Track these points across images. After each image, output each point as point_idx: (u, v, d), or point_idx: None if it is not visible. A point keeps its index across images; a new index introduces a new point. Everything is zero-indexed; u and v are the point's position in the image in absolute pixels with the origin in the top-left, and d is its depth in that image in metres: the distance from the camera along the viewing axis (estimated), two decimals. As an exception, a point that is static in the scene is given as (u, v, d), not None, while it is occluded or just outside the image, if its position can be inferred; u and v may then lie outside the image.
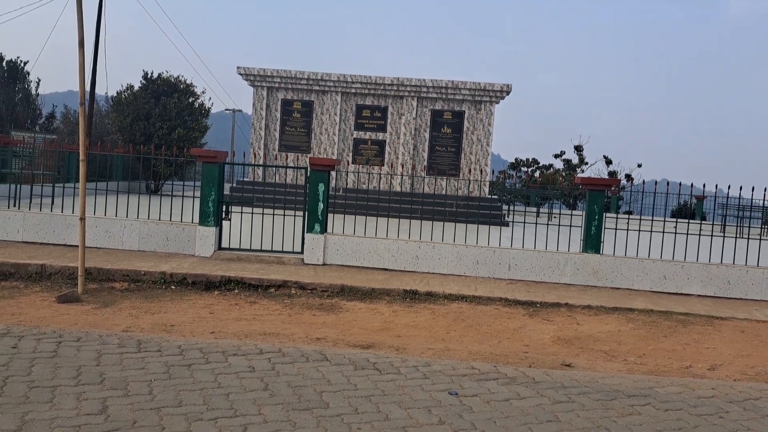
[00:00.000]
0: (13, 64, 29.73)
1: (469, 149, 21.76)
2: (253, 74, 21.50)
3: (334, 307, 8.04)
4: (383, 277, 9.55)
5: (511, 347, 6.69)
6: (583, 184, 10.42)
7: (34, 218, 10.33)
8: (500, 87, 21.40)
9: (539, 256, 10.06)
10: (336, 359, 5.66)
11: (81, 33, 7.94)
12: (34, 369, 4.97)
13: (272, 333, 6.71)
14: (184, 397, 4.59)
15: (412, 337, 6.89)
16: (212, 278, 8.76)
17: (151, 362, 5.31)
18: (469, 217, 12.26)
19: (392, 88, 21.63)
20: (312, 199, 10.26)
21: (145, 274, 8.72)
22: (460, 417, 4.49)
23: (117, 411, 4.27)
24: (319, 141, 21.88)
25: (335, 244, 10.24)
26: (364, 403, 4.67)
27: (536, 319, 7.93)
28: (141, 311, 7.32)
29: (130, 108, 21.01)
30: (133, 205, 12.00)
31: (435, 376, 5.34)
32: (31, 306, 7.27)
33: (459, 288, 9.09)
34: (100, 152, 11.77)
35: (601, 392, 5.19)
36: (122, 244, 10.24)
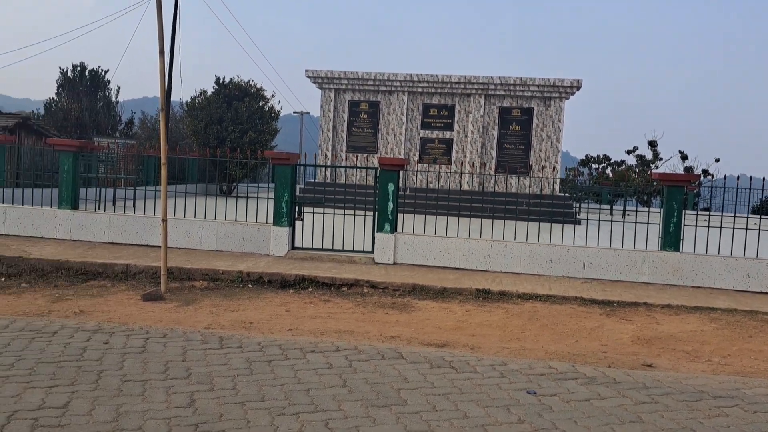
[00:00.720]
0: (95, 73, 31.15)
1: (538, 146, 21.44)
2: (321, 77, 21.81)
3: (406, 306, 8.09)
4: (454, 276, 9.55)
5: (588, 347, 6.58)
6: (661, 180, 10.12)
7: (118, 220, 10.81)
8: (570, 82, 21.00)
9: (615, 254, 9.84)
10: (411, 357, 5.70)
11: (161, 42, 8.26)
12: (126, 364, 5.21)
13: (347, 331, 6.82)
14: (266, 392, 4.73)
15: (486, 336, 6.86)
16: (287, 277, 8.96)
17: (233, 358, 5.48)
18: (539, 215, 12.10)
19: (459, 86, 21.54)
20: (382, 198, 10.34)
21: (224, 273, 9.00)
22: (539, 416, 4.46)
23: (204, 404, 4.44)
24: (386, 141, 22.01)
25: (405, 244, 10.30)
26: (442, 400, 4.69)
27: (614, 319, 7.77)
28: (221, 309, 7.56)
29: (204, 113, 21.65)
30: (210, 206, 12.39)
31: (512, 375, 5.32)
32: (119, 304, 7.62)
33: (533, 287, 8.99)
34: (178, 156, 12.20)
35: (685, 393, 5.05)
36: (201, 244, 10.59)
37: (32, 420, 4.03)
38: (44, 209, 11.04)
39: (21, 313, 7.02)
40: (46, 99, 30.83)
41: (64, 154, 11.09)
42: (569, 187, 29.35)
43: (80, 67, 30.69)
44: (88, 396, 4.47)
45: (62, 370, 4.94)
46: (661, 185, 10.21)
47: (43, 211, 11.01)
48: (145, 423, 4.09)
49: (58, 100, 29.98)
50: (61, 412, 4.18)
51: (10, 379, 4.70)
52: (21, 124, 21.16)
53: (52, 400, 4.35)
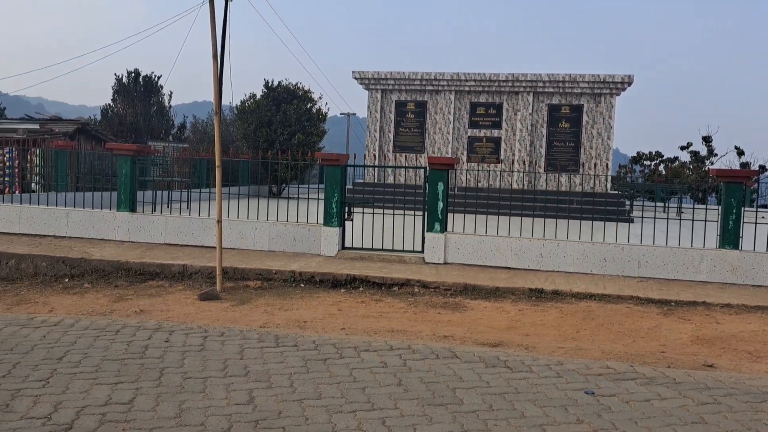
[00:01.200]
0: (149, 79, 31.98)
1: (588, 144, 21.09)
2: (368, 77, 21.91)
3: (458, 306, 8.07)
4: (506, 275, 9.48)
5: (646, 347, 6.46)
6: (719, 176, 9.86)
7: (174, 222, 11.09)
8: (621, 78, 20.60)
9: (671, 252, 9.62)
10: (465, 357, 5.69)
11: (215, 47, 8.45)
12: (186, 361, 5.35)
13: (399, 330, 6.85)
14: (323, 390, 4.79)
15: (540, 336, 6.80)
16: (338, 277, 9.05)
17: (289, 356, 5.57)
18: (590, 213, 11.91)
19: (507, 84, 21.36)
20: (431, 198, 10.34)
21: (277, 273, 9.14)
22: (598, 416, 4.40)
23: (263, 402, 4.52)
24: (433, 140, 21.97)
25: (455, 243, 10.27)
26: (498, 400, 4.67)
27: (672, 318, 7.60)
28: (275, 308, 7.69)
29: (254, 116, 21.98)
30: (261, 208, 12.59)
31: (569, 375, 5.26)
32: (177, 303, 7.82)
33: (586, 286, 8.87)
34: (232, 159, 12.44)
35: (749, 394, 4.91)
36: (254, 244, 10.78)
37: (100, 415, 4.18)
38: (104, 212, 11.41)
39: (85, 312, 7.28)
40: (102, 105, 31.79)
41: (122, 158, 11.43)
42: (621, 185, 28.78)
43: (134, 74, 31.58)
44: (152, 392, 4.60)
45: (126, 368, 5.10)
46: (719, 182, 9.93)
47: (103, 213, 11.38)
48: (207, 419, 4.19)
49: (113, 105, 30.90)
50: (127, 407, 4.32)
51: (78, 376, 4.87)
52: (80, 130, 21.88)
53: (118, 396, 4.50)
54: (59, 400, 4.40)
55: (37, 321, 6.44)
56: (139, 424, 4.06)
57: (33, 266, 9.38)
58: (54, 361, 5.19)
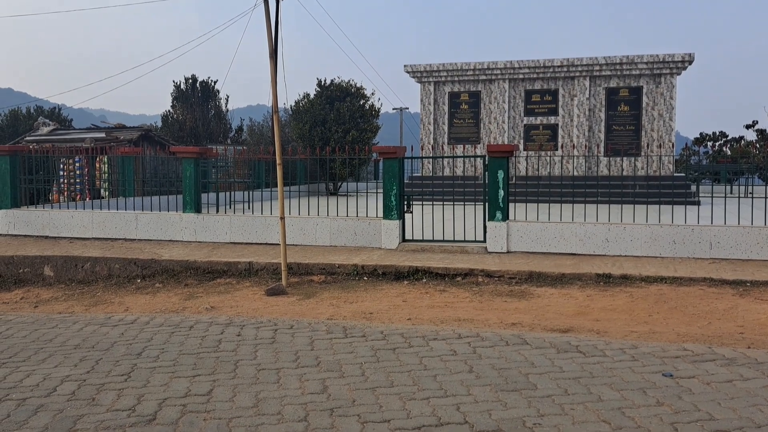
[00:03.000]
0: (205, 84, 32.72)
1: (649, 126, 20.51)
2: (420, 71, 21.85)
3: (524, 294, 7.98)
4: (572, 262, 9.32)
5: (723, 328, 6.24)
6: (793, 151, 9.45)
7: (238, 221, 11.32)
8: (681, 57, 19.95)
9: (744, 232, 9.27)
10: (536, 343, 5.63)
11: (271, 45, 8.57)
12: (258, 353, 5.46)
13: (466, 319, 6.81)
14: (394, 378, 4.80)
15: (611, 321, 6.66)
16: (401, 268, 9.06)
17: (358, 347, 5.61)
18: (653, 197, 11.58)
19: (562, 69, 20.96)
20: (492, 186, 10.24)
21: (339, 267, 9.23)
22: (679, 398, 4.28)
23: (336, 391, 4.57)
24: (488, 130, 21.76)
25: (518, 231, 10.15)
26: (573, 384, 4.60)
27: (748, 299, 7.32)
28: (340, 301, 7.76)
29: (308, 115, 22.22)
30: (321, 204, 12.73)
31: (644, 358, 5.13)
32: (245, 299, 7.99)
33: (656, 269, 8.63)
34: (289, 158, 12.61)
35: (840, 374, 4.70)
36: (315, 240, 10.90)
37: (181, 406, 4.30)
38: (171, 214, 11.74)
39: (158, 310, 7.51)
40: (162, 112, 32.70)
41: (186, 161, 11.73)
42: (685, 167, 27.88)
43: (192, 80, 32.36)
44: (229, 384, 4.71)
45: (202, 361, 5.24)
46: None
47: (170, 215, 11.71)
48: (283, 408, 4.26)
49: (173, 111, 31.74)
50: (206, 399, 4.43)
51: (157, 370, 5.03)
52: (143, 137, 22.58)
53: (197, 388, 4.63)
54: (141, 393, 4.55)
55: (115, 320, 6.68)
56: (219, 414, 4.16)
57: (107, 268, 9.74)
58: (133, 357, 5.37)
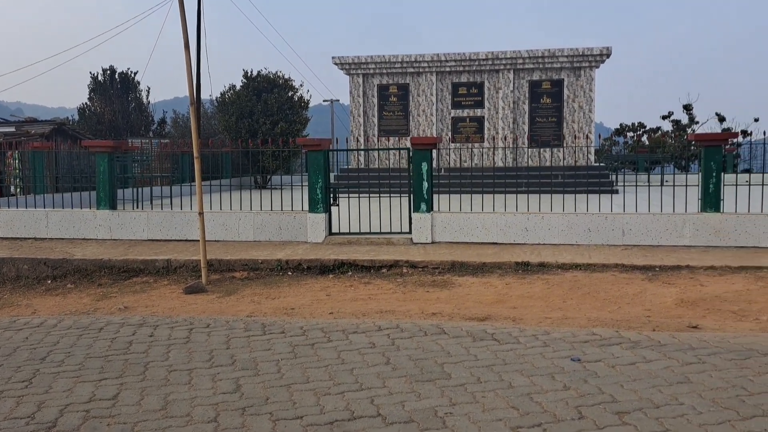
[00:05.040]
0: (125, 75, 31.66)
1: (570, 118, 21.12)
2: (348, 63, 21.79)
3: (446, 283, 8.07)
4: (493, 251, 9.49)
5: (632, 312, 6.49)
6: (697, 141, 9.89)
7: (156, 217, 10.99)
8: (599, 51, 20.60)
9: (655, 219, 9.65)
10: (453, 332, 5.70)
11: (185, 36, 8.33)
12: (171, 354, 5.31)
13: (388, 311, 6.84)
14: (310, 373, 4.77)
15: (527, 308, 6.81)
16: (326, 262, 9.01)
17: (276, 343, 5.54)
18: (575, 186, 11.92)
19: (487, 62, 21.31)
20: (416, 178, 10.31)
21: (263, 263, 9.10)
22: (585, 382, 4.41)
23: (250, 389, 4.50)
24: (417, 123, 21.92)
25: (442, 222, 10.26)
26: (486, 372, 4.68)
27: (656, 283, 7.63)
28: (262, 297, 7.65)
29: (234, 107, 21.84)
30: (246, 198, 12.52)
31: (555, 344, 5.27)
32: (162, 298, 7.77)
33: (572, 257, 8.89)
34: (211, 150, 12.33)
35: (733, 352, 4.94)
36: (238, 235, 10.71)
37: (84, 412, 4.14)
38: (84, 211, 11.30)
39: (68, 312, 7.21)
40: (80, 104, 31.49)
41: (99, 156, 11.30)
42: (604, 157, 28.83)
43: (110, 71, 31.23)
44: (137, 387, 4.57)
45: (110, 364, 5.06)
46: (699, 147, 9.96)
47: (83, 212, 11.26)
48: (193, 409, 4.16)
49: (90, 104, 30.57)
50: (111, 403, 4.28)
51: (61, 375, 4.83)
52: (57, 130, 21.64)
53: (102, 393, 4.46)
54: (42, 399, 4.35)
55: (20, 323, 6.38)
56: (123, 419, 4.03)
57: (15, 269, 9.29)
58: (37, 362, 5.14)
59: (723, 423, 3.74)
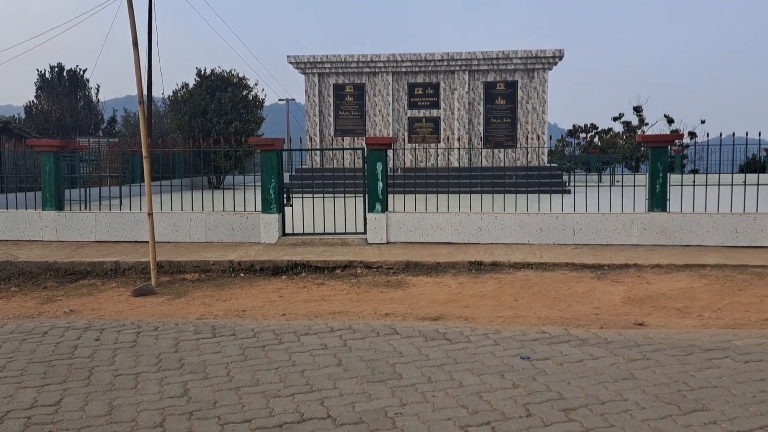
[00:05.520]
0: (74, 73, 30.85)
1: (524, 119, 21.41)
2: (303, 62, 21.67)
3: (400, 283, 8.08)
4: (447, 250, 9.55)
5: (581, 310, 6.60)
6: (645, 142, 10.14)
7: (104, 218, 10.74)
8: (552, 53, 20.94)
9: (604, 218, 9.85)
10: (406, 332, 5.71)
11: (134, 33, 8.16)
12: (117, 359, 5.19)
13: (341, 312, 6.81)
14: (260, 376, 4.72)
15: (480, 307, 6.88)
16: (279, 263, 8.94)
17: (226, 346, 5.47)
18: (529, 186, 12.09)
19: (443, 63, 21.45)
20: (371, 178, 10.31)
21: (215, 264, 8.97)
22: (533, 380, 4.47)
23: (198, 393, 4.43)
24: (374, 123, 21.93)
25: (397, 222, 10.28)
26: (437, 372, 4.70)
27: (605, 282, 7.79)
28: (213, 299, 7.54)
29: (187, 106, 21.52)
30: (198, 199, 12.33)
31: (505, 343, 5.33)
32: (109, 301, 7.59)
33: (524, 256, 9.01)
34: (161, 149, 12.10)
35: (676, 348, 5.07)
36: (190, 236, 10.54)
37: (25, 419, 4.01)
38: (29, 212, 10.96)
39: (11, 316, 6.98)
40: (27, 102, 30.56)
41: (45, 155, 10.98)
42: (558, 158, 29.34)
43: (58, 68, 30.39)
44: (81, 392, 4.44)
45: (53, 369, 4.92)
46: (646, 147, 10.20)
47: (27, 213, 10.93)
48: (138, 414, 4.08)
49: (38, 102, 29.69)
50: (54, 409, 4.16)
51: (2, 381, 4.67)
52: (2, 129, 20.98)
53: (45, 399, 4.33)
54: (-20, 407, 4.20)
55: (-41, 328, 6.14)
56: (66, 425, 3.91)
57: (-45, 273, 8.96)
58: (-25, 368, 4.95)
59: (665, 418, 3.83)
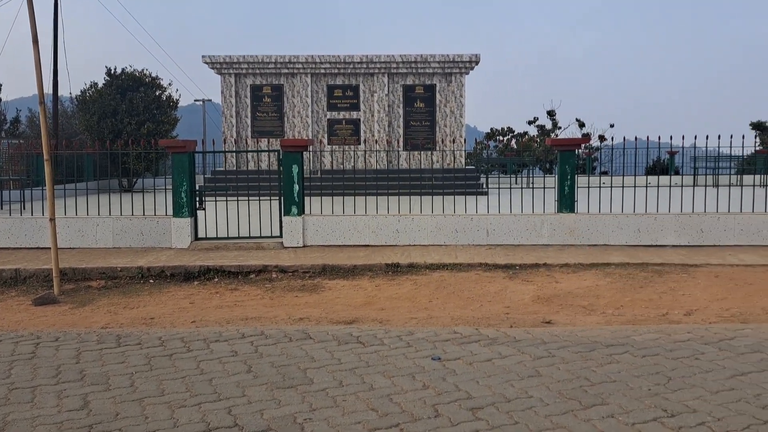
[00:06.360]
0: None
1: (443, 122, 21.72)
2: (219, 62, 21.23)
3: (316, 287, 8.03)
4: (365, 253, 9.55)
5: (492, 310, 6.74)
6: (554, 145, 10.47)
7: (4, 223, 10.15)
8: (469, 57, 21.33)
9: (516, 219, 10.11)
10: (319, 336, 5.67)
11: (34, 29, 7.76)
12: (14, 371, 4.93)
13: (254, 317, 6.70)
14: (166, 386, 4.58)
15: (395, 309, 6.91)
16: (191, 269, 8.71)
17: (131, 355, 5.29)
18: (447, 188, 12.29)
19: (362, 66, 21.48)
20: (287, 181, 10.19)
21: (122, 270, 8.65)
22: (443, 380, 4.52)
23: (99, 405, 4.25)
24: (293, 124, 21.73)
25: (314, 225, 10.21)
26: (349, 375, 4.68)
27: (516, 281, 7.99)
28: (120, 307, 7.27)
29: (96, 106, 20.69)
30: (106, 203, 11.85)
31: (418, 344, 5.37)
32: (8, 311, 7.19)
33: (440, 257, 9.13)
34: (67, 151, 11.58)
35: (580, 345, 5.25)
36: (96, 242, 10.12)
37: None
38: None
39: None
40: None
41: (-63, 158, 10.31)
42: (476, 160, 29.97)
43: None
44: (-30, 409, 4.18)
45: (-59, 385, 4.61)
46: (555, 151, 10.55)
47: None
48: (34, 429, 3.89)
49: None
50: (-62, 428, 3.90)
51: None
52: None
53: (-72, 418, 4.05)
54: None
55: None
56: (-50, 446, 3.67)
57: None
58: None
59: (567, 413, 3.95)
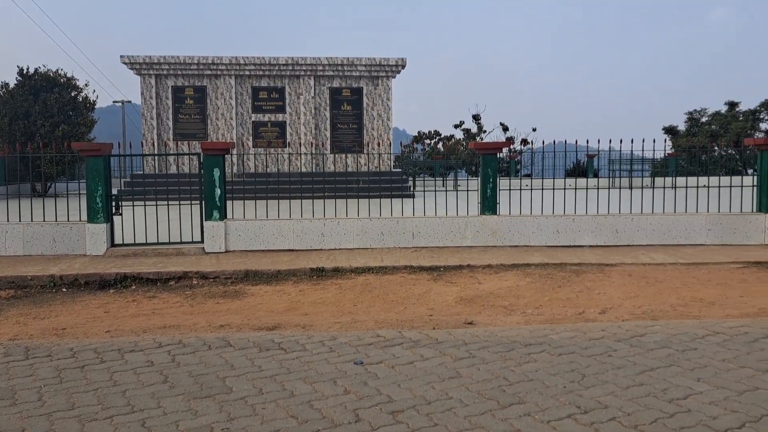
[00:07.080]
0: None
1: (370, 125, 21.76)
2: (139, 62, 20.61)
3: (238, 293, 7.87)
4: (289, 257, 9.44)
5: (416, 312, 6.78)
6: (477, 149, 10.65)
7: None
8: (395, 61, 21.47)
9: (440, 222, 10.22)
10: (240, 344, 5.55)
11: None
12: None
13: (173, 325, 6.51)
14: (76, 399, 4.38)
15: (319, 314, 6.85)
16: (106, 276, 8.39)
17: (40, 368, 5.03)
18: (375, 191, 12.30)
19: (287, 68, 21.28)
20: (208, 185, 9.97)
21: (33, 279, 8.24)
22: (365, 385, 4.50)
23: (4, 421, 4.03)
24: (216, 126, 21.30)
25: (237, 230, 10.02)
26: (269, 383, 4.60)
27: (440, 283, 8.07)
28: (29, 318, 6.92)
29: (7, 107, 19.72)
30: (17, 208, 11.29)
31: (341, 349, 5.33)
32: None
33: (365, 260, 9.12)
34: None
35: (500, 345, 5.34)
36: (5, 250, 9.62)
37: None
38: None
39: None
40: None
41: None
42: (404, 163, 30.19)
43: None
44: None
45: None
46: (478, 154, 10.73)
47: None
48: (-73, 453, 3.63)
49: None
50: None
51: None
52: None
53: None
54: None
55: None
56: None
57: None
58: None
59: (485, 413, 4.00)
